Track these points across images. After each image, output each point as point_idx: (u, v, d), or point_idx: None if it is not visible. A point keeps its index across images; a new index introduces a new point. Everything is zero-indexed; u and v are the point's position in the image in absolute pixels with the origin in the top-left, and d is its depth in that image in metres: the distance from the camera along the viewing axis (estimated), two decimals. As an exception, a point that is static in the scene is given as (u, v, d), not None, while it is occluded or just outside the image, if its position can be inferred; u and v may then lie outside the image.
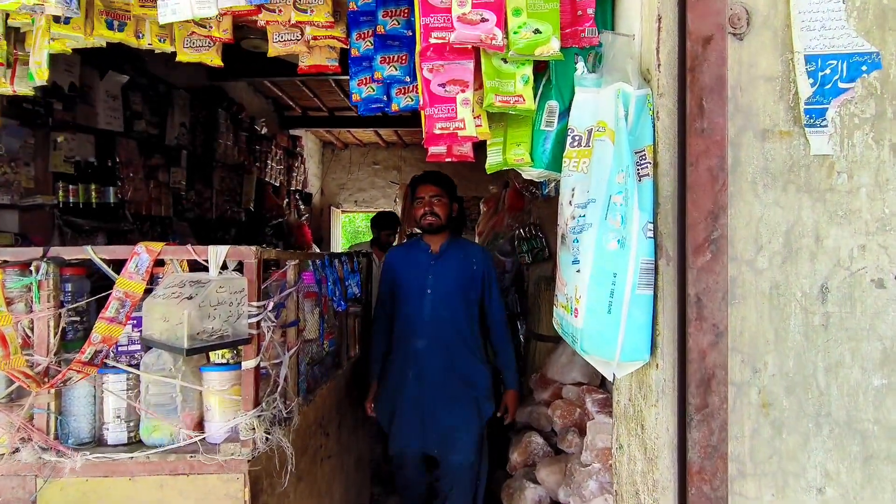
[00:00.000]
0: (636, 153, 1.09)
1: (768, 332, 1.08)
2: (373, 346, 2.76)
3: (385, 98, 1.96)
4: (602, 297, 1.07)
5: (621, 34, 1.20)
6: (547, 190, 3.56)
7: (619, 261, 1.07)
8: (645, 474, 1.16)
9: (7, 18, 1.74)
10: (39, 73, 1.54)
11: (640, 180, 1.08)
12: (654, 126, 1.10)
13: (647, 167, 1.08)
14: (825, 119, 1.06)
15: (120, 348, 1.55)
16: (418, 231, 2.76)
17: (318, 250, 6.67)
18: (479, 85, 1.27)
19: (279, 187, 6.41)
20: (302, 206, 7.12)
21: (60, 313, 1.51)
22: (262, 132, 5.88)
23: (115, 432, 1.52)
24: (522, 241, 3.89)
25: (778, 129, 1.07)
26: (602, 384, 3.01)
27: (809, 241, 1.08)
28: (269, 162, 6.09)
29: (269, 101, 6.33)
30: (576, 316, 1.12)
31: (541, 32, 1.20)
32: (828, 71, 1.05)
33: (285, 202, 6.54)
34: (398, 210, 7.39)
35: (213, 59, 1.95)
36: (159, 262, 1.52)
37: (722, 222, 1.03)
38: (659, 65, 1.08)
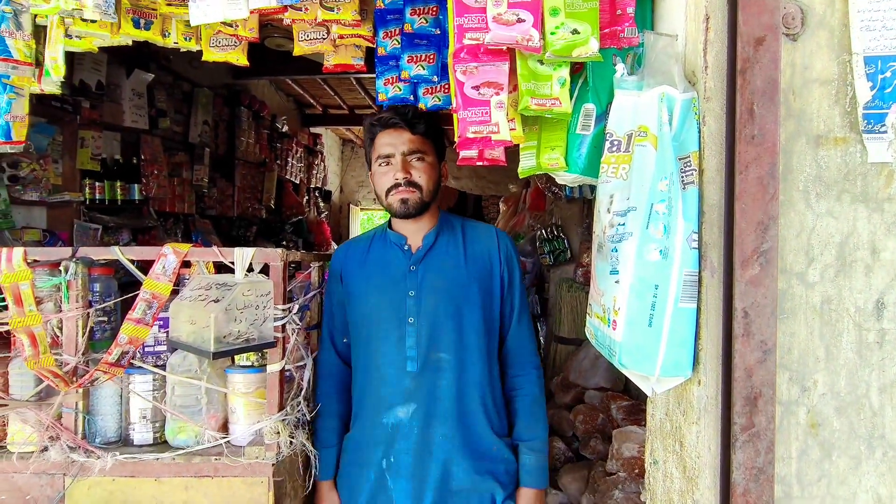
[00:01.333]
0: (680, 160, 1.05)
1: (819, 348, 1.03)
2: (320, 417, 1.57)
3: (412, 98, 1.93)
4: (643, 310, 1.03)
5: (664, 34, 1.15)
6: (570, 191, 3.50)
7: (662, 272, 1.02)
8: (683, 493, 1.11)
9: (35, 18, 1.74)
10: (55, 68, 1.54)
11: (684, 188, 1.03)
12: (699, 131, 1.05)
13: (692, 174, 1.03)
14: (884, 125, 1.00)
15: (146, 349, 1.55)
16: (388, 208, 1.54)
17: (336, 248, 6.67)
18: (513, 87, 1.23)
19: (299, 185, 6.43)
20: (321, 204, 7.15)
21: (89, 313, 1.51)
22: (283, 130, 5.91)
23: (141, 432, 1.52)
24: (544, 242, 3.84)
25: (833, 136, 1.01)
26: (626, 390, 2.95)
27: (865, 254, 1.02)
28: (289, 159, 6.12)
29: (291, 98, 6.35)
30: (614, 328, 1.08)
31: (579, 33, 1.16)
32: (888, 74, 0.99)
33: (305, 199, 6.57)
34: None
35: (239, 58, 1.94)
36: (186, 264, 1.51)
37: (772, 233, 0.98)
38: (706, 67, 1.03)
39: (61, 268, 1.50)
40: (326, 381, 1.59)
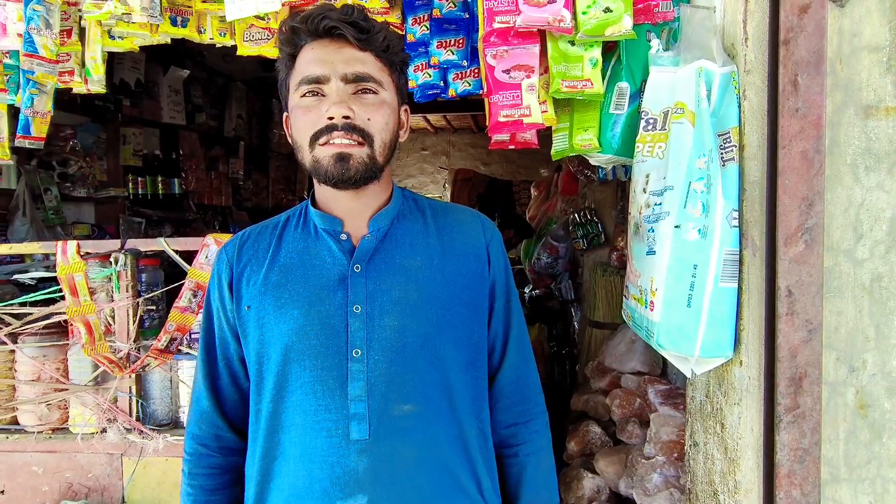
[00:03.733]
0: (719, 136, 1.02)
1: (868, 328, 0.99)
2: None
3: (442, 83, 1.92)
4: (681, 290, 1.01)
5: (701, 7, 1.11)
6: (603, 173, 3.44)
7: (701, 251, 1.00)
8: (725, 475, 1.10)
9: (80, 20, 1.81)
10: (95, 67, 1.60)
11: (723, 165, 1.01)
12: (740, 106, 1.02)
13: (731, 151, 1.01)
14: (940, 92, 0.95)
15: (193, 336, 1.61)
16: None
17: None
18: (544, 69, 1.22)
19: (331, 175, 6.51)
20: (353, 193, 7.22)
21: (138, 302, 1.58)
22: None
23: (191, 416, 1.59)
24: (577, 227, 3.80)
25: (884, 106, 0.97)
26: (664, 373, 2.91)
27: (918, 229, 0.98)
28: (320, 150, 6.20)
29: (320, 89, 6.40)
30: (651, 309, 1.07)
31: (611, 11, 1.13)
32: (944, 38, 0.94)
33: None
34: (447, 196, 7.35)
35: (272, 51, 1.97)
36: (227, 253, 1.56)
37: (817, 209, 0.95)
38: (746, 39, 1.00)
39: (111, 259, 1.57)
40: (201, 464, 0.99)
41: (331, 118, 0.89)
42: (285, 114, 1.00)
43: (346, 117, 0.89)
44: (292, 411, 0.91)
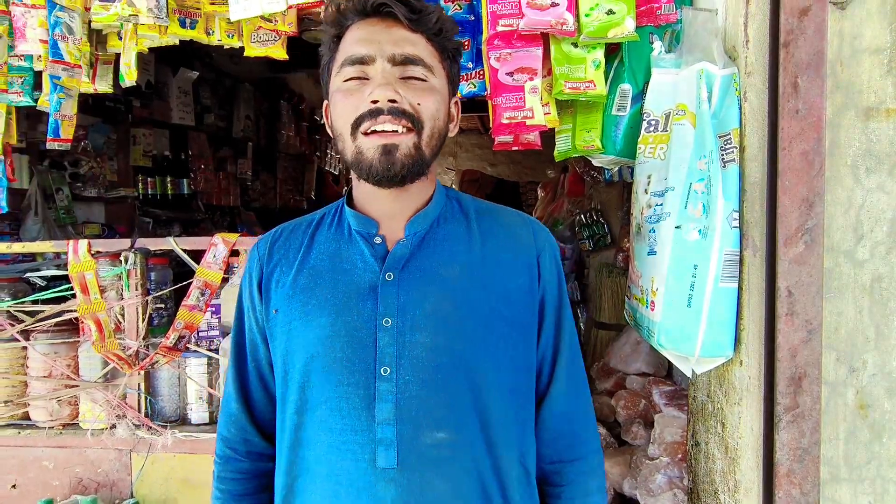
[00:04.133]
0: (720, 137, 1.03)
1: (868, 328, 1.00)
2: None
3: (447, 85, 1.94)
4: (681, 290, 1.02)
5: (702, 9, 1.12)
6: (610, 174, 3.44)
7: (701, 252, 1.01)
8: (725, 474, 1.11)
9: (90, 22, 1.85)
10: (129, 73, 1.63)
11: (724, 166, 1.02)
12: (740, 108, 1.03)
13: (732, 152, 1.02)
14: (941, 94, 0.95)
15: (200, 334, 1.64)
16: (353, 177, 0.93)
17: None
18: (547, 72, 1.23)
19: (338, 175, 6.55)
20: (359, 194, 7.26)
21: (147, 300, 1.61)
22: (322, 122, 6.01)
23: (198, 412, 1.62)
24: (583, 227, 3.80)
25: (884, 107, 0.97)
26: (669, 375, 2.91)
27: (919, 230, 0.98)
28: (328, 151, 6.23)
29: (328, 90, 6.44)
30: (652, 309, 1.08)
31: (614, 13, 1.14)
32: (945, 40, 0.95)
33: (344, 190, 6.69)
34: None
35: (279, 52, 2.00)
36: (234, 252, 1.59)
37: (817, 210, 0.95)
38: (747, 41, 1.01)
39: (122, 258, 1.60)
40: (229, 468, 0.95)
41: (375, 101, 0.80)
42: (325, 101, 0.91)
43: (393, 100, 0.80)
44: (317, 427, 0.84)
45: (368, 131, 0.81)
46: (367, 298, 0.84)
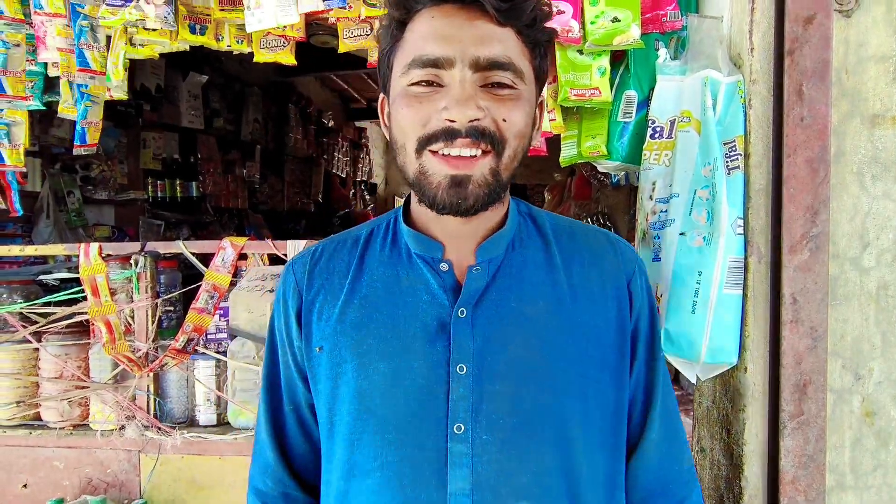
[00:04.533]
0: (725, 144, 1.03)
1: (874, 336, 1.00)
2: None
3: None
4: (686, 297, 1.03)
5: (708, 17, 1.13)
6: (616, 178, 3.44)
7: (705, 259, 1.02)
8: (731, 481, 1.10)
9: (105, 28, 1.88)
10: (116, 73, 1.66)
11: (729, 173, 1.02)
12: (745, 115, 1.03)
13: (737, 159, 1.02)
14: (947, 102, 0.95)
15: (209, 336, 1.65)
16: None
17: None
18: (552, 78, 1.24)
19: (345, 178, 6.59)
20: (367, 197, 7.29)
21: (157, 303, 1.63)
22: (329, 125, 6.05)
23: (206, 414, 1.63)
24: (589, 231, 3.79)
25: (890, 115, 0.97)
26: (675, 380, 2.90)
27: (925, 238, 0.98)
28: (335, 154, 6.27)
29: (335, 93, 6.49)
30: (657, 315, 1.08)
31: (619, 20, 1.15)
32: (952, 48, 0.94)
33: (351, 193, 6.72)
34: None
35: (288, 58, 2.02)
36: (242, 256, 1.60)
37: (822, 218, 0.95)
38: (752, 49, 1.01)
39: (132, 261, 1.62)
40: None
41: (452, 120, 0.65)
42: (381, 96, 0.75)
43: (474, 120, 0.65)
44: (369, 498, 0.69)
45: (439, 153, 0.66)
46: (437, 339, 0.70)
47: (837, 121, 0.99)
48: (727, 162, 1.02)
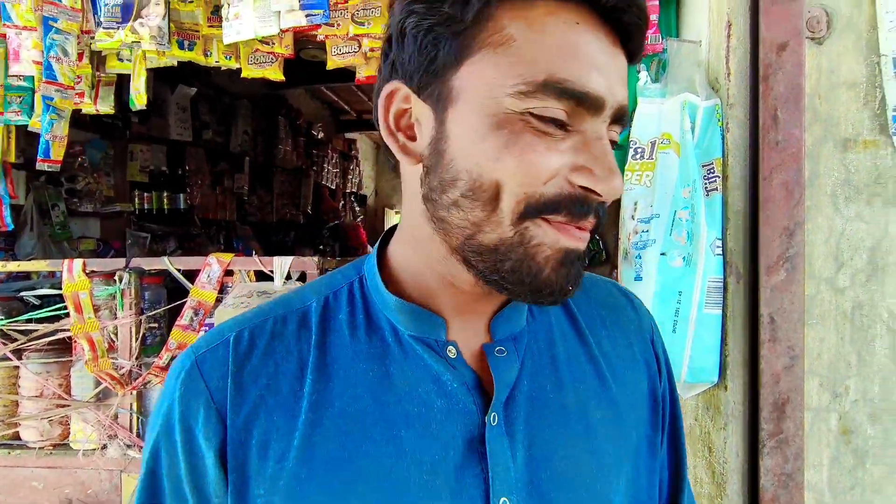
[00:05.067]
0: (704, 167, 1.05)
1: (850, 354, 1.02)
2: None
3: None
4: (666, 316, 1.04)
5: (687, 41, 1.15)
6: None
7: (685, 278, 1.03)
8: (712, 498, 1.11)
9: (91, 45, 1.88)
10: (139, 97, 1.67)
11: (707, 195, 1.04)
12: (723, 138, 1.05)
13: (715, 181, 1.04)
14: (916, 127, 0.98)
15: (193, 353, 1.64)
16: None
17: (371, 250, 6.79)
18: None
19: (335, 190, 6.58)
20: (357, 208, 7.29)
21: (141, 320, 1.61)
22: (319, 137, 6.06)
23: (190, 433, 1.62)
24: (577, 244, 3.82)
25: (862, 139, 1.00)
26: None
27: (898, 258, 1.00)
28: (325, 165, 6.27)
29: (325, 105, 6.50)
30: (638, 334, 1.09)
31: (601, 42, 1.17)
32: (920, 75, 0.98)
33: (341, 204, 6.72)
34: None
35: (276, 73, 2.03)
36: (228, 273, 1.60)
37: (798, 239, 0.97)
38: (729, 74, 1.04)
39: (116, 278, 1.61)
40: None
41: (597, 193, 0.44)
42: (393, 86, 0.49)
43: (605, 163, 0.45)
44: None
45: (552, 224, 0.45)
46: (465, 465, 0.48)
47: (812, 144, 1.01)
48: (705, 184, 1.04)
